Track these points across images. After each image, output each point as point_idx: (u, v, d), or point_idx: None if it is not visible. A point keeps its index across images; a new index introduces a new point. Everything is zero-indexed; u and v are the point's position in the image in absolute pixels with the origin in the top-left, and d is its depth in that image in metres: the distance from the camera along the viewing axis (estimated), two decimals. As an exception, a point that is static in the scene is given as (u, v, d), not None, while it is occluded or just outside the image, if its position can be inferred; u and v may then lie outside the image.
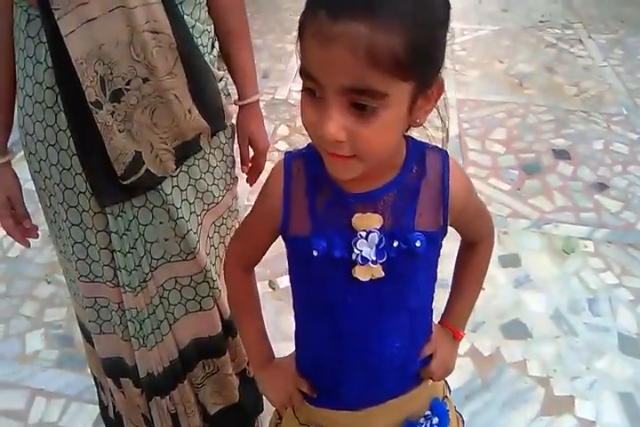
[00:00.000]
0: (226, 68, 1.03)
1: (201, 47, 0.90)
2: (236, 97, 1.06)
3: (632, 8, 4.07)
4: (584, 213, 2.15)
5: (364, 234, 0.70)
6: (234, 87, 1.05)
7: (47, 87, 0.84)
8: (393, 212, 0.71)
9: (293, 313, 0.86)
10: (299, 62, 0.60)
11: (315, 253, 0.71)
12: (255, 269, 1.90)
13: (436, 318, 0.89)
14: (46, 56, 0.82)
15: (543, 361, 1.61)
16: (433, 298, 0.83)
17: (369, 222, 0.70)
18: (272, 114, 2.64)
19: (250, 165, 1.12)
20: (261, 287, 1.73)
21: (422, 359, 0.84)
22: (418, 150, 0.73)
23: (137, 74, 0.82)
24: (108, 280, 0.99)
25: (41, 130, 0.88)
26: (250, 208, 0.82)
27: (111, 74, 0.80)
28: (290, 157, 0.76)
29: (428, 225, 0.72)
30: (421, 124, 0.66)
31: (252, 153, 1.11)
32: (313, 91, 0.59)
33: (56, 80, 0.82)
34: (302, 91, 0.61)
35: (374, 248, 0.70)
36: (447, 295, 0.91)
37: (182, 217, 0.96)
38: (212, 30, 0.95)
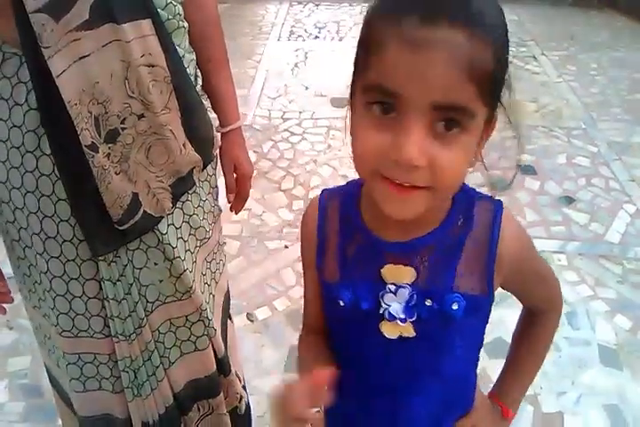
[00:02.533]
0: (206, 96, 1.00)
1: (191, 77, 0.87)
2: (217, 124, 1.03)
3: (579, 26, 4.24)
4: (554, 227, 2.19)
5: (392, 288, 0.64)
6: (213, 114, 1.02)
7: (28, 130, 0.77)
8: (430, 267, 0.63)
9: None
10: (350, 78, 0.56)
11: (341, 304, 0.65)
12: (232, 299, 1.85)
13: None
14: (28, 97, 0.75)
15: (529, 378, 1.61)
16: (476, 367, 0.76)
17: (400, 276, 0.63)
18: (239, 140, 2.62)
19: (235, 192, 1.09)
20: (239, 320, 1.71)
21: None
22: (466, 198, 0.64)
23: (132, 111, 0.77)
24: (97, 332, 0.92)
25: (17, 176, 0.80)
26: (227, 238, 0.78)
27: (106, 113, 0.75)
28: (326, 193, 0.70)
29: (470, 287, 0.64)
30: (479, 161, 0.58)
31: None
32: (382, 108, 0.51)
33: (42, 123, 0.75)
34: (360, 111, 0.53)
35: (403, 305, 0.63)
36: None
37: (178, 256, 0.91)
38: (195, 59, 0.92)
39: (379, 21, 0.51)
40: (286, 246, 2.03)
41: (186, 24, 0.86)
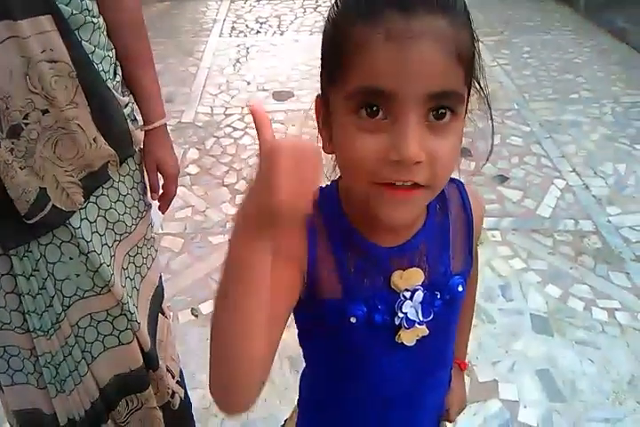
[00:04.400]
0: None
1: (102, 73, 0.87)
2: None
3: (513, 11, 4.37)
4: (489, 205, 2.28)
5: (407, 294, 0.61)
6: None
7: None
8: (430, 260, 0.62)
9: (302, 376, 0.78)
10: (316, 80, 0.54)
11: (353, 320, 0.61)
12: (175, 297, 1.87)
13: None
14: None
15: (466, 350, 1.69)
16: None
17: (412, 280, 0.61)
18: (180, 138, 2.63)
19: (160, 191, 1.10)
20: (183, 316, 1.74)
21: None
22: None
23: (35, 106, 0.77)
24: (17, 326, 0.93)
25: None
26: (165, 237, 0.78)
27: (7, 109, 0.76)
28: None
29: (462, 264, 0.65)
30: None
31: (161, 179, 1.08)
32: (371, 111, 0.49)
33: None
34: (345, 117, 0.51)
35: (420, 308, 0.61)
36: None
37: (94, 250, 0.91)
38: (114, 55, 0.93)
39: (353, 22, 0.49)
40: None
41: (97, 20, 0.86)
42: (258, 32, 3.96)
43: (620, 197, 2.33)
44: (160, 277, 1.18)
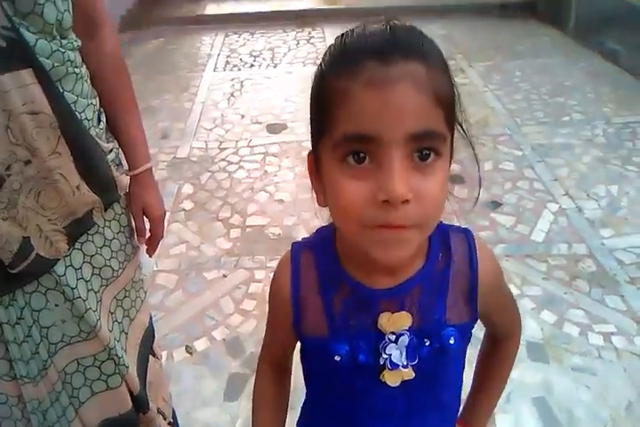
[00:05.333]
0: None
1: (86, 121, 0.89)
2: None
3: (504, 36, 4.44)
4: (482, 232, 2.28)
5: (392, 337, 0.62)
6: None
7: None
8: (422, 307, 0.63)
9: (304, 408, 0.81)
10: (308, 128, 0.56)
11: (337, 359, 0.63)
12: (169, 335, 1.88)
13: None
14: None
15: (461, 381, 1.67)
16: (462, 385, 0.76)
17: (399, 323, 0.62)
18: (175, 173, 2.67)
19: (148, 235, 1.10)
20: (178, 354, 1.75)
21: None
22: (440, 232, 0.64)
23: (18, 157, 0.79)
24: (4, 374, 0.94)
25: None
26: (159, 274, 0.80)
27: None
28: (298, 247, 0.68)
29: (460, 317, 0.65)
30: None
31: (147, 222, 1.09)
32: (358, 158, 0.51)
33: None
34: (333, 166, 0.53)
35: (404, 351, 0.63)
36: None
37: (79, 297, 0.92)
38: (98, 102, 0.95)
39: (336, 76, 0.52)
40: (224, 275, 2.07)
41: (79, 70, 0.88)
42: (252, 65, 4.04)
43: (614, 219, 2.33)
44: (150, 318, 1.19)
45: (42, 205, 0.84)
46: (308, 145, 0.61)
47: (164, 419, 1.21)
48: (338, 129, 0.52)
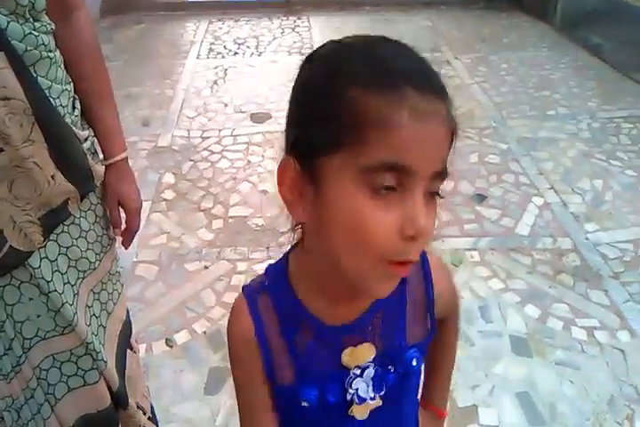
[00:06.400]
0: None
1: (60, 108, 0.86)
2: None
3: (490, 28, 4.43)
4: (467, 225, 2.27)
5: (358, 371, 0.61)
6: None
7: None
8: (383, 333, 0.62)
9: None
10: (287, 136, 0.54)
11: (305, 404, 0.61)
12: (149, 327, 1.84)
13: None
14: None
15: (445, 375, 1.66)
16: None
17: (362, 356, 0.61)
18: (156, 162, 2.61)
19: (123, 226, 1.08)
20: (157, 347, 1.71)
21: None
22: None
23: None
24: None
25: None
26: (139, 265, 0.75)
27: None
28: (251, 292, 0.64)
29: (419, 336, 0.65)
30: None
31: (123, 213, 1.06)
32: (387, 187, 0.48)
33: None
34: (356, 192, 0.49)
35: (371, 383, 0.62)
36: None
37: (54, 290, 0.89)
38: (72, 89, 0.92)
39: (374, 95, 0.48)
40: (206, 267, 2.03)
41: (53, 54, 0.85)
42: (236, 53, 3.97)
43: (598, 214, 2.34)
44: (127, 311, 1.16)
45: (15, 196, 0.81)
46: (293, 135, 0.57)
47: (144, 414, 1.19)
48: (372, 153, 0.48)
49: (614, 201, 2.41)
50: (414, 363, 0.63)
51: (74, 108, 0.92)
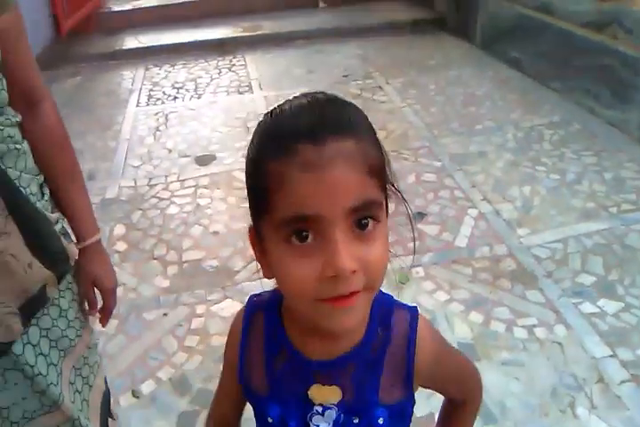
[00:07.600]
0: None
1: (31, 196, 0.87)
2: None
3: (417, 51, 4.67)
4: (411, 244, 2.39)
5: (319, 409, 0.65)
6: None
7: None
8: (354, 384, 0.65)
9: None
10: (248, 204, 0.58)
11: (269, 420, 0.66)
12: (115, 380, 1.86)
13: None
14: None
15: (402, 388, 1.76)
16: None
17: (327, 397, 0.65)
18: (105, 215, 2.65)
19: (99, 306, 1.07)
20: (124, 399, 1.75)
21: None
22: (383, 306, 0.67)
23: None
24: None
25: None
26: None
27: None
28: (252, 305, 0.71)
29: (393, 398, 0.66)
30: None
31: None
32: (301, 237, 0.53)
33: None
34: (277, 246, 0.55)
35: (331, 425, 0.65)
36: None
37: (39, 373, 0.88)
38: (41, 176, 0.93)
39: (270, 162, 0.53)
40: (165, 314, 2.08)
41: (20, 145, 0.87)
42: (175, 98, 4.07)
43: (528, 218, 2.51)
44: (105, 379, 1.16)
45: None
46: (239, 175, 0.66)
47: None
48: (278, 212, 0.53)
49: (542, 204, 2.59)
50: (380, 421, 0.65)
51: (42, 193, 0.93)
